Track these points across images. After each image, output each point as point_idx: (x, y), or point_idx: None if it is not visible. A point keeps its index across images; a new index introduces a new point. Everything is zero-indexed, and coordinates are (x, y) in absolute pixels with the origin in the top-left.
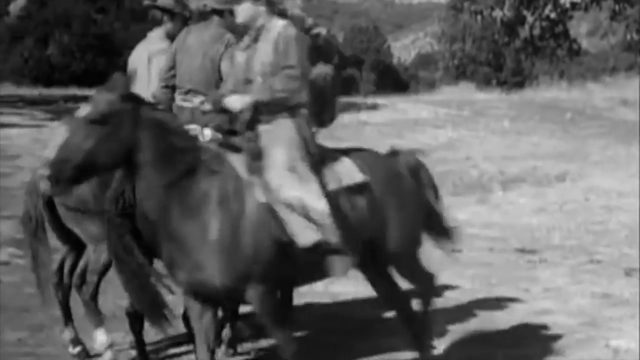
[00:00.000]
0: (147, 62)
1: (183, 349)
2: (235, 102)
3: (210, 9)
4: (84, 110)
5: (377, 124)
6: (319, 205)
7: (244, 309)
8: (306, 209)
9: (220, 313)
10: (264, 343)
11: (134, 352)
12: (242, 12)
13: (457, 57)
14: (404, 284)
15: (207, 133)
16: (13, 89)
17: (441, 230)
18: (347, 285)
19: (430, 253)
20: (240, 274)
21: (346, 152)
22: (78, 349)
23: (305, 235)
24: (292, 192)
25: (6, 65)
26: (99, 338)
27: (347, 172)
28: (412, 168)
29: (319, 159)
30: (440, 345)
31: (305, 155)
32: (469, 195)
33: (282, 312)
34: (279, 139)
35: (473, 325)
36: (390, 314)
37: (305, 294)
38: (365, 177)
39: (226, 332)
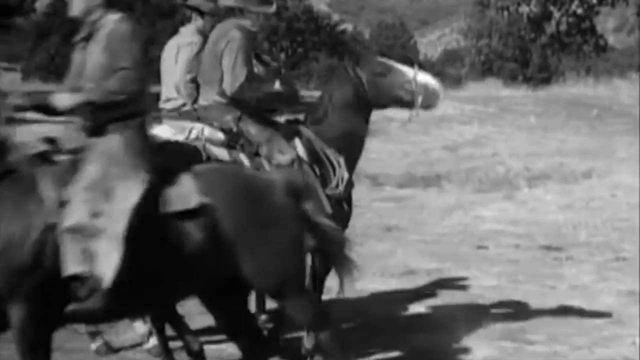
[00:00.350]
0: (175, 54)
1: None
2: (64, 99)
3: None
4: None
5: (403, 120)
6: (115, 228)
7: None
8: (92, 232)
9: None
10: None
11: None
12: (75, 5)
13: (483, 53)
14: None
15: (206, 132)
16: (39, 85)
17: (337, 260)
18: (373, 281)
19: (456, 248)
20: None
21: (194, 169)
22: (98, 343)
23: (70, 265)
24: (80, 214)
25: (32, 61)
26: (139, 330)
27: (182, 195)
28: (289, 186)
29: (159, 178)
30: (466, 343)
31: (129, 172)
32: (495, 192)
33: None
34: (100, 153)
35: (499, 323)
36: (418, 311)
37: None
38: (203, 200)
39: None
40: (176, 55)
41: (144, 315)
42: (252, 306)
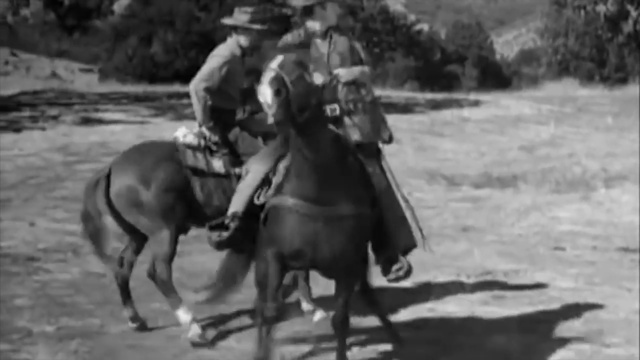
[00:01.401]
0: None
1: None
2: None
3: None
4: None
5: (479, 120)
6: None
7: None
8: None
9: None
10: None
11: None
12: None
13: (560, 52)
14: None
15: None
16: (118, 86)
17: None
18: (449, 282)
19: (533, 249)
20: None
21: None
22: (137, 324)
23: None
24: None
25: (110, 63)
26: (182, 317)
27: None
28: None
29: None
30: (543, 345)
31: None
32: (572, 193)
33: None
34: None
35: (576, 325)
36: (494, 312)
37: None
38: None
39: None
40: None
41: None
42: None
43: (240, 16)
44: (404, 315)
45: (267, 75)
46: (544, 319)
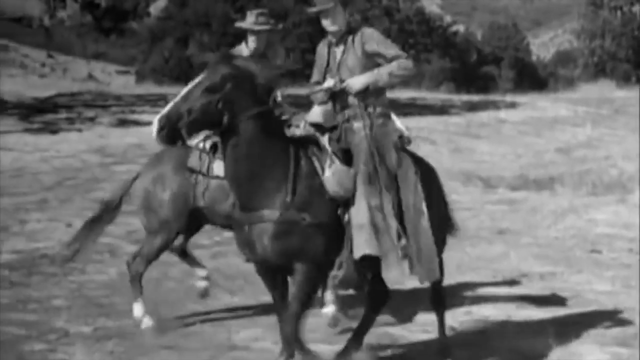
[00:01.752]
0: None
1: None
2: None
3: None
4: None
5: (515, 122)
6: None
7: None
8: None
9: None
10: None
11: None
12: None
13: (597, 54)
14: None
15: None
16: (154, 87)
17: None
18: (485, 284)
19: (569, 252)
20: None
21: None
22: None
23: None
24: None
25: (147, 64)
26: (136, 310)
27: None
28: None
29: None
30: (579, 348)
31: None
32: (608, 195)
33: None
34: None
35: (612, 328)
36: (530, 314)
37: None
38: None
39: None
40: None
41: None
42: None
43: (248, 19)
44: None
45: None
46: (580, 321)
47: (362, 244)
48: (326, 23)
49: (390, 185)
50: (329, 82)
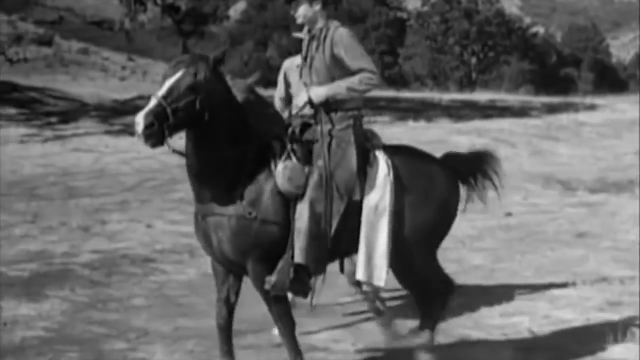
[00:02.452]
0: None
1: None
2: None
3: None
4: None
5: (595, 124)
6: None
7: None
8: None
9: None
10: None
11: None
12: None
13: None
14: None
15: None
16: None
17: None
18: (565, 288)
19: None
20: None
21: None
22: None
23: None
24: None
25: (226, 67)
26: None
27: None
28: None
29: None
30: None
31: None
32: None
33: None
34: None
35: None
36: (610, 319)
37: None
38: None
39: None
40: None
41: None
42: None
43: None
44: (519, 320)
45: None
46: None
47: (297, 251)
48: (296, 14)
49: (348, 189)
50: (299, 101)
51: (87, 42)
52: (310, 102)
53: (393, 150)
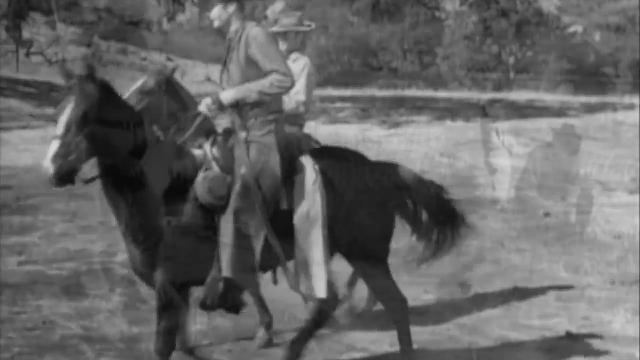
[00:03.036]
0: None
1: None
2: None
3: None
4: None
5: (633, 124)
6: None
7: None
8: None
9: None
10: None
11: None
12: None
13: None
14: None
15: None
16: None
17: None
18: (603, 289)
19: None
20: None
21: None
22: None
23: None
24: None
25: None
26: None
27: None
28: None
29: None
30: None
31: None
32: None
33: None
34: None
35: None
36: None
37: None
38: None
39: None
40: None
41: None
42: None
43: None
44: (556, 323)
45: None
46: None
47: (224, 264)
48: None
49: (275, 197)
50: (202, 106)
51: (125, 42)
52: (219, 104)
53: (321, 154)
